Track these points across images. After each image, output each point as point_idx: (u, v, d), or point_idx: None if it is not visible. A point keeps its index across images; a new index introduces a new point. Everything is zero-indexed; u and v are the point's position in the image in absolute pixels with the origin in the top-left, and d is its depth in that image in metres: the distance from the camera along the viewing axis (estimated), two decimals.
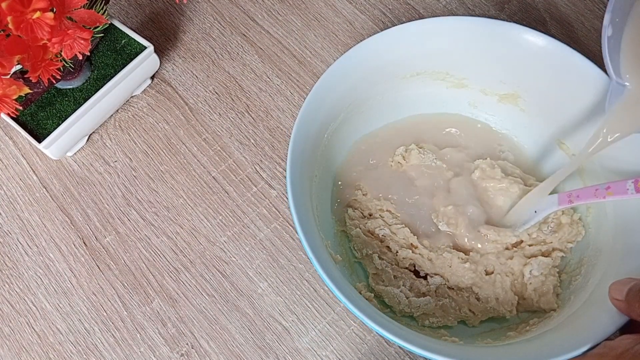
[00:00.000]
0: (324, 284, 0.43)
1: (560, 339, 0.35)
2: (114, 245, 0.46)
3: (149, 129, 0.50)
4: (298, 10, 0.55)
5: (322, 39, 0.54)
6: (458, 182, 0.45)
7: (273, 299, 0.44)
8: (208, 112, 0.51)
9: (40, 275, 0.45)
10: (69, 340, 0.43)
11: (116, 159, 0.49)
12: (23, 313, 0.44)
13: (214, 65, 0.53)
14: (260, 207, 0.47)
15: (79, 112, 0.45)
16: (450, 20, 0.43)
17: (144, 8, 0.56)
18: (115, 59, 0.48)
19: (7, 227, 0.47)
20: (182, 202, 0.47)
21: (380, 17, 0.55)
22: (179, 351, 0.42)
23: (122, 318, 0.43)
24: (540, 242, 0.43)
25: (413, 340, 0.33)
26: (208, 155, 0.49)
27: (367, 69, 0.43)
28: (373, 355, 0.42)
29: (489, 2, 0.55)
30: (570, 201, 0.40)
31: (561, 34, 0.53)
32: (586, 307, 0.37)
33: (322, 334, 0.42)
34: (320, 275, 0.35)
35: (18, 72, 0.44)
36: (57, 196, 0.48)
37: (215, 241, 0.46)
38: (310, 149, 0.40)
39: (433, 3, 0.55)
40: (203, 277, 0.44)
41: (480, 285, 0.42)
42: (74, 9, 0.33)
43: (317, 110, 0.41)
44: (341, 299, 0.33)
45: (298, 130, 0.39)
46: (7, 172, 0.49)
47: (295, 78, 0.52)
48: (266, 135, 0.50)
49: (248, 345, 0.42)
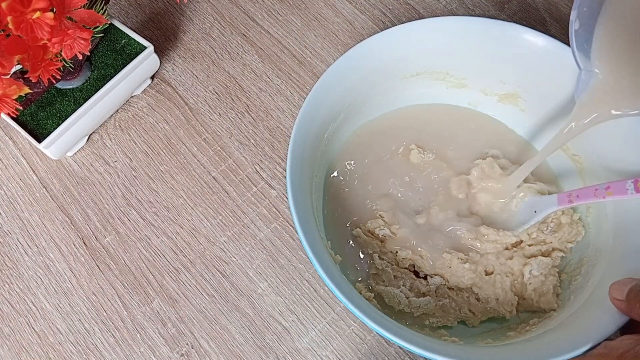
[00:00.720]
0: (324, 284, 0.43)
1: (560, 339, 0.35)
2: (114, 245, 0.46)
3: (149, 129, 0.50)
4: (298, 10, 0.55)
5: (322, 39, 0.54)
6: (458, 182, 0.45)
7: (273, 299, 0.44)
8: (208, 112, 0.51)
9: (40, 275, 0.45)
10: (69, 340, 0.43)
11: (116, 159, 0.49)
12: (23, 313, 0.44)
13: (214, 65, 0.53)
14: (260, 207, 0.47)
15: (79, 112, 0.45)
16: (450, 20, 0.43)
17: (144, 8, 0.56)
18: (115, 59, 0.48)
19: (7, 227, 0.47)
20: (182, 202, 0.47)
21: (380, 17, 0.55)
22: (179, 351, 0.42)
23: (122, 318, 0.43)
24: (540, 242, 0.43)
25: (413, 340, 0.33)
26: (208, 155, 0.49)
27: (367, 69, 0.43)
28: (373, 355, 0.42)
29: (489, 2, 0.55)
30: (570, 201, 0.40)
31: (561, 34, 0.53)
32: (586, 307, 0.37)
33: (322, 334, 0.42)
34: (320, 275, 0.35)
35: (18, 72, 0.44)
36: (57, 196, 0.48)
37: (215, 241, 0.46)
38: (310, 149, 0.40)
39: (433, 3, 0.55)
40: (203, 277, 0.44)
41: (480, 286, 0.42)
42: (74, 9, 0.33)
43: (317, 110, 0.41)
44: (341, 298, 0.33)
45: (298, 131, 0.39)
46: (7, 172, 0.49)
47: (295, 78, 0.52)
48: (266, 135, 0.50)
49: (248, 345, 0.42)
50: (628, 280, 0.33)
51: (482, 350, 0.37)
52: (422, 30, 0.43)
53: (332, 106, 0.42)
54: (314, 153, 0.41)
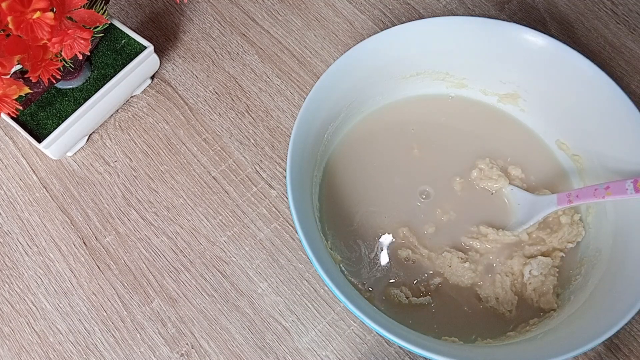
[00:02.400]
0: (324, 284, 0.43)
1: (560, 339, 0.35)
2: (114, 245, 0.46)
3: (149, 129, 0.50)
4: (298, 10, 0.55)
5: (322, 39, 0.54)
6: (459, 182, 0.45)
7: (273, 299, 0.44)
8: (208, 112, 0.51)
9: (40, 275, 0.45)
10: (69, 340, 0.43)
11: (116, 159, 0.49)
12: (23, 313, 0.44)
13: (214, 65, 0.53)
14: (260, 207, 0.47)
15: (79, 112, 0.45)
16: (450, 20, 0.43)
17: (144, 8, 0.56)
18: (115, 59, 0.48)
19: (7, 227, 0.47)
20: (182, 202, 0.47)
21: (380, 17, 0.55)
22: (179, 351, 0.42)
23: (122, 318, 0.43)
24: (540, 241, 0.43)
25: (413, 340, 0.33)
26: (208, 155, 0.49)
27: (367, 68, 0.43)
28: (373, 355, 0.42)
29: (489, 2, 0.55)
30: (570, 201, 0.40)
31: (561, 34, 0.53)
32: (586, 307, 0.37)
33: (322, 334, 0.42)
34: (320, 275, 0.35)
35: (18, 72, 0.44)
36: (57, 196, 0.48)
37: (215, 241, 0.46)
38: (310, 149, 0.40)
39: (433, 3, 0.55)
40: (203, 277, 0.44)
41: (480, 285, 0.42)
42: (74, 9, 0.33)
43: (317, 110, 0.41)
44: (341, 298, 0.33)
45: (298, 130, 0.39)
46: (7, 172, 0.49)
47: (295, 78, 0.52)
48: (266, 135, 0.50)
49: (248, 345, 0.42)
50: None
51: (482, 349, 0.37)
52: (422, 30, 0.43)
53: (332, 106, 0.42)
54: (314, 153, 0.41)
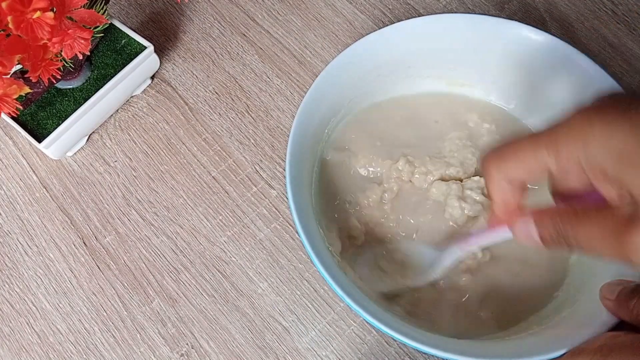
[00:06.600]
0: (324, 284, 0.43)
1: (556, 335, 0.35)
2: (114, 245, 0.46)
3: (149, 129, 0.50)
4: (298, 10, 0.55)
5: (322, 39, 0.54)
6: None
7: (273, 299, 0.44)
8: (208, 112, 0.51)
9: (40, 275, 0.45)
10: (69, 340, 0.43)
11: (116, 159, 0.49)
12: (23, 313, 0.44)
13: (214, 65, 0.53)
14: (260, 207, 0.47)
15: (79, 112, 0.45)
16: (449, 17, 0.43)
17: (144, 8, 0.56)
18: (115, 59, 0.48)
19: (7, 227, 0.47)
20: (182, 202, 0.47)
21: (380, 17, 0.55)
22: (179, 351, 0.42)
23: (122, 318, 0.43)
24: None
25: (417, 337, 0.33)
26: (208, 155, 0.49)
27: (365, 66, 0.43)
28: (373, 355, 0.42)
29: (489, 2, 0.55)
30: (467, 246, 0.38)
31: (561, 34, 0.53)
32: (584, 307, 0.37)
33: (322, 334, 0.42)
34: (321, 275, 0.35)
35: (18, 72, 0.44)
36: (57, 196, 0.48)
37: (215, 241, 0.46)
38: (309, 148, 0.40)
39: (433, 3, 0.55)
40: (203, 277, 0.44)
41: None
42: (74, 8, 0.33)
43: (316, 108, 0.41)
44: (344, 298, 0.33)
45: (297, 130, 0.39)
46: (7, 172, 0.49)
47: (295, 78, 0.52)
48: (266, 135, 0.50)
49: (248, 345, 0.42)
50: (619, 282, 0.35)
51: (480, 344, 0.37)
52: (421, 28, 0.43)
53: (330, 104, 0.42)
54: (313, 152, 0.41)
